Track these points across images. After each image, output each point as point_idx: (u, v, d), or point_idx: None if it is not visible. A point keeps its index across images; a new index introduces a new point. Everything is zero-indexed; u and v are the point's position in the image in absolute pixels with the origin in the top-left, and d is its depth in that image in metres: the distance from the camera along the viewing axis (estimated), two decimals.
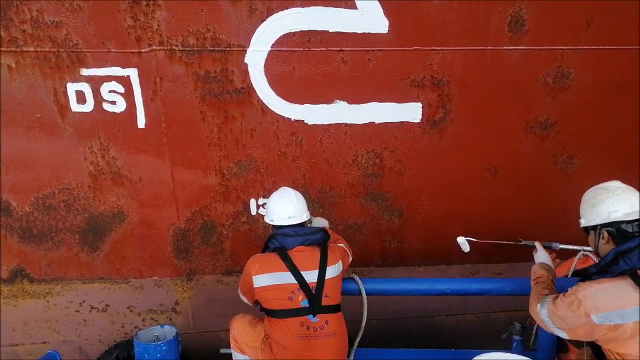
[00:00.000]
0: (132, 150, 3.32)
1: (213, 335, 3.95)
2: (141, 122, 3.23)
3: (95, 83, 3.11)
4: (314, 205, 3.64)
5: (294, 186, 3.54)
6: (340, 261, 2.89)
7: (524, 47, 3.20)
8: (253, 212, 3.61)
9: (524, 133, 3.53)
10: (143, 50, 3.04)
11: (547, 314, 2.35)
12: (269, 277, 2.74)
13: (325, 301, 2.74)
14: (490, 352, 2.55)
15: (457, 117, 3.42)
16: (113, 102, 3.17)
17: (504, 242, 2.95)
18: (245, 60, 3.12)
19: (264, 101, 3.24)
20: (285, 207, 2.89)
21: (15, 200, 3.38)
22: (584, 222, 2.44)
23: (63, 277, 3.64)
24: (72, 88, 3.11)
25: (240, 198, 3.56)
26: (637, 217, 2.27)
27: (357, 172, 3.56)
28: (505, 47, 3.18)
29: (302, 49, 3.10)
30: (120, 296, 3.72)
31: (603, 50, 3.23)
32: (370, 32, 3.07)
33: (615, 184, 2.44)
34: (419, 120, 3.41)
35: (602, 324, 2.18)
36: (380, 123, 3.39)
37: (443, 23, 3.10)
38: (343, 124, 3.38)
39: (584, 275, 2.38)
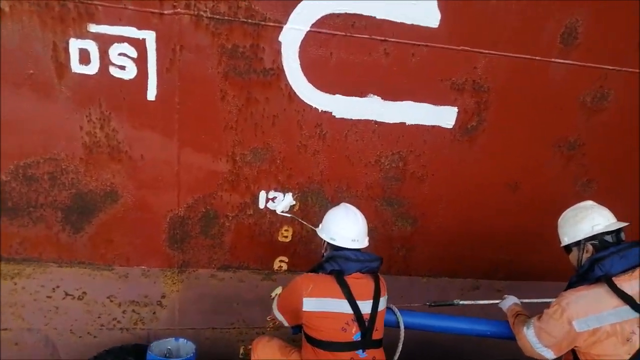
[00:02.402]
0: (136, 124, 2.94)
1: (198, 332, 3.62)
2: (152, 94, 2.85)
3: (104, 42, 2.69)
4: (327, 206, 3.38)
5: (309, 182, 3.31)
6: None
7: (572, 62, 3.05)
8: (261, 205, 3.30)
9: (551, 151, 3.41)
10: (165, 12, 2.65)
11: (534, 333, 2.46)
12: (323, 303, 2.45)
13: (375, 335, 2.50)
14: None
15: (489, 127, 3.25)
16: (122, 67, 2.77)
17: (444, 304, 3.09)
18: (280, 38, 2.79)
19: (292, 86, 2.94)
20: (351, 229, 2.62)
21: None
22: (567, 240, 2.62)
23: (37, 258, 3.20)
24: (75, 45, 2.68)
25: (249, 189, 3.24)
26: (616, 228, 2.49)
27: (378, 174, 3.33)
28: (553, 60, 3.02)
29: (344, 33, 2.81)
30: (101, 284, 3.33)
31: None
32: (419, 24, 2.83)
33: (590, 202, 2.69)
34: (452, 126, 3.21)
35: (582, 330, 2.32)
36: (412, 124, 3.17)
37: (495, 25, 2.89)
38: (373, 121, 3.12)
39: (567, 285, 2.56)
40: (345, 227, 2.61)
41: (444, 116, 3.17)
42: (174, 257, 3.36)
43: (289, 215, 3.17)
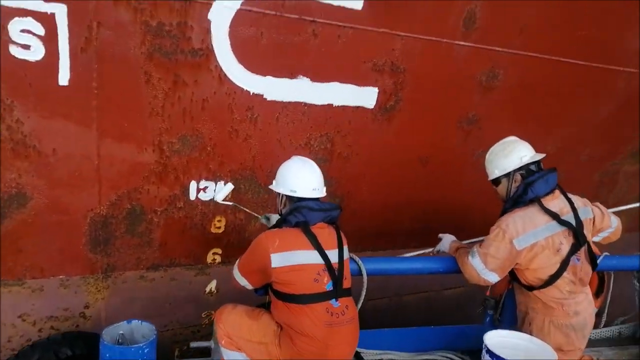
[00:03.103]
0: (46, 114, 2.59)
1: None
2: (64, 78, 2.54)
3: (3, 17, 2.32)
4: (260, 191, 3.35)
5: (241, 168, 3.25)
6: None
7: (471, 44, 3.43)
8: (192, 196, 3.15)
9: (455, 126, 3.81)
10: None
11: (479, 259, 2.69)
12: (292, 256, 2.39)
13: (345, 284, 2.51)
14: (495, 330, 2.69)
15: (405, 106, 3.51)
16: (26, 47, 2.42)
17: None
18: (209, 16, 2.69)
19: (223, 68, 2.85)
20: (310, 178, 2.59)
21: None
22: (497, 173, 2.85)
23: None
24: None
25: (179, 180, 3.07)
26: (539, 158, 2.81)
27: (307, 156, 3.34)
28: (457, 42, 3.37)
29: (274, 12, 2.80)
30: (10, 302, 2.87)
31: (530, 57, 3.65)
32: (345, 6, 2.93)
33: (513, 137, 2.96)
34: (373, 106, 3.40)
35: (522, 248, 2.63)
36: (338, 106, 3.28)
37: (410, 8, 3.13)
38: (302, 103, 3.17)
39: (502, 212, 2.81)
40: (304, 177, 2.59)
41: (367, 97, 3.34)
42: (96, 261, 3.03)
43: (231, 203, 3.06)
